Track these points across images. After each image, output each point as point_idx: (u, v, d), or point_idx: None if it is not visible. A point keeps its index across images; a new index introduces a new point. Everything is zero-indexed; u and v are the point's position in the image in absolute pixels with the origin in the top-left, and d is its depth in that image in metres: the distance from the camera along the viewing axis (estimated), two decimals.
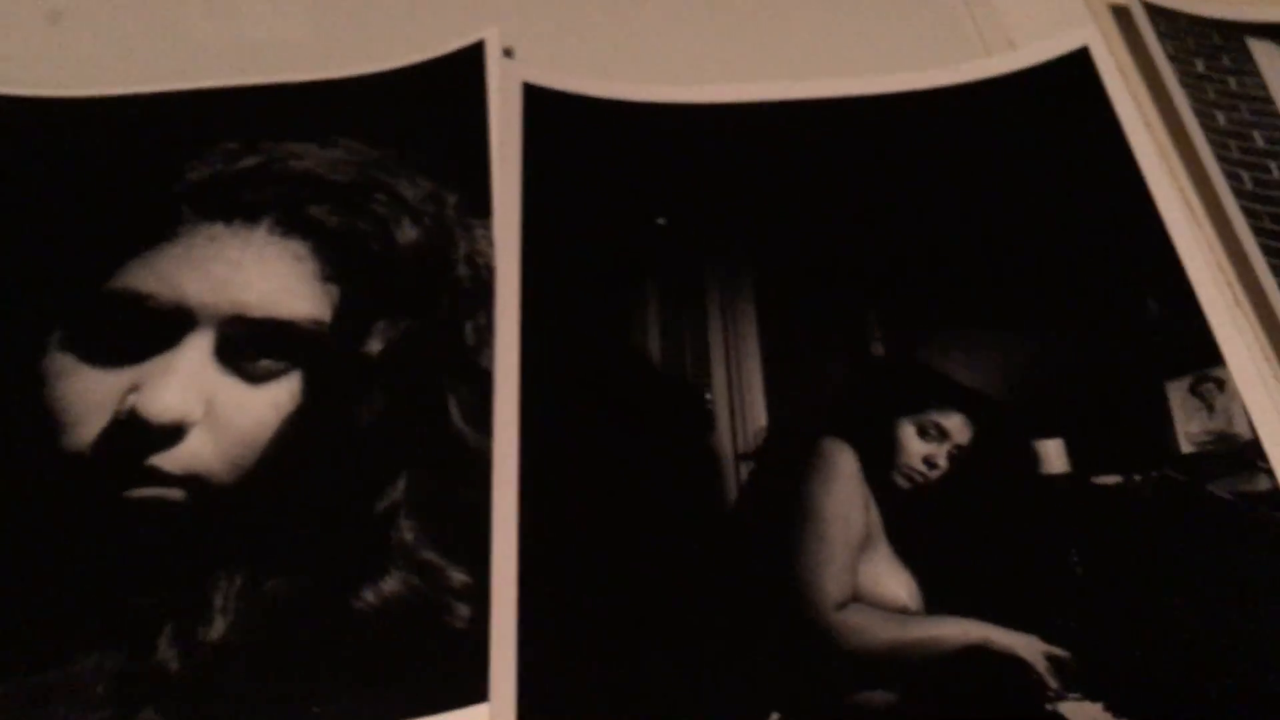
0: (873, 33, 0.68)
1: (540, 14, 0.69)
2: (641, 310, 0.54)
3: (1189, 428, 0.48)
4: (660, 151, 0.61)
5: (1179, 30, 0.70)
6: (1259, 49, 0.70)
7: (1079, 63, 0.62)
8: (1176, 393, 0.49)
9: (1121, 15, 0.70)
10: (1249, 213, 0.60)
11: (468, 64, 0.64)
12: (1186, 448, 0.48)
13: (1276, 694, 0.41)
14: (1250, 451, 0.46)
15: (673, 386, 0.51)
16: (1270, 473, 0.46)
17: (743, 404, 0.51)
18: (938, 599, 0.45)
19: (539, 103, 0.62)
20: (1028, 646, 0.43)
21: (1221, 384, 0.49)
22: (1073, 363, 0.51)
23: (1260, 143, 0.65)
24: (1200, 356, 0.50)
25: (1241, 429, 0.47)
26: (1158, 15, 0.70)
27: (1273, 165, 0.64)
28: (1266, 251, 0.58)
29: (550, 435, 0.49)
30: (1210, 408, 0.48)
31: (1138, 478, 0.47)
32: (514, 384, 0.50)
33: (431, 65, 0.65)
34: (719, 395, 0.51)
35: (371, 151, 0.61)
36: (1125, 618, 0.44)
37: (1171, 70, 0.66)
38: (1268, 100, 0.67)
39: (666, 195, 0.59)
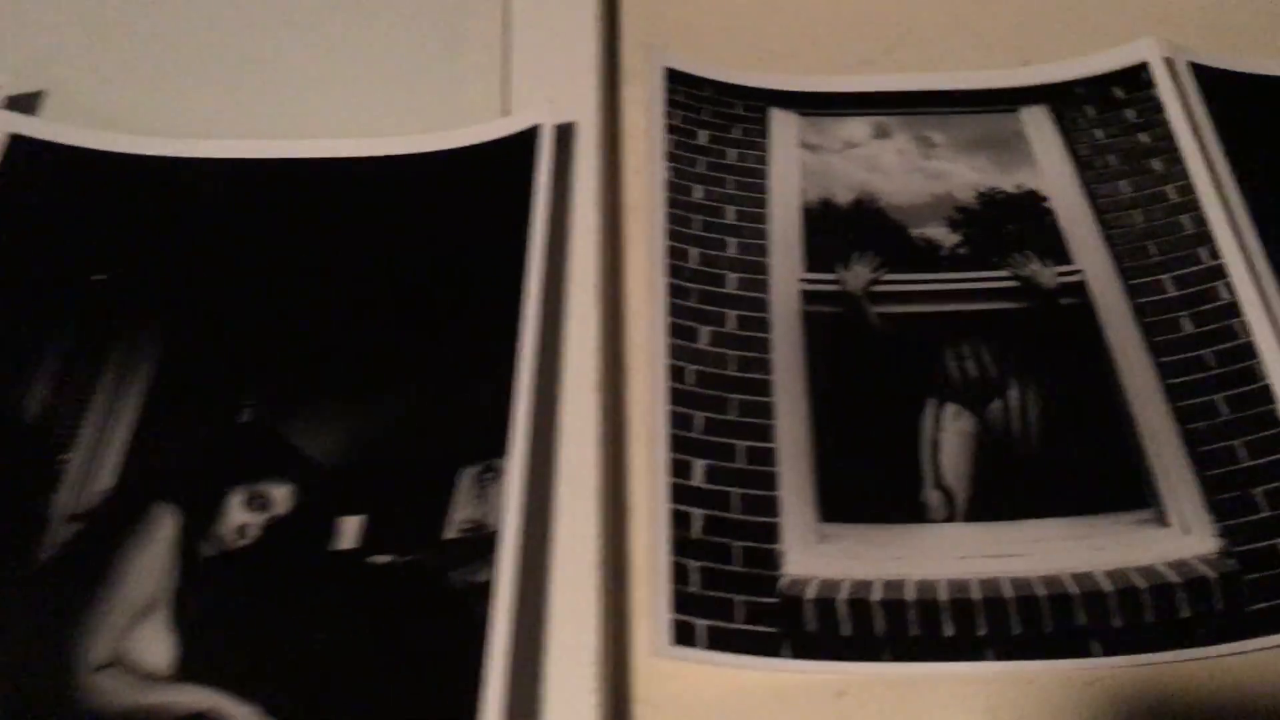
0: (408, 93, 0.70)
1: (87, 66, 0.72)
2: (35, 365, 0.57)
3: (460, 514, 0.50)
4: (124, 204, 0.63)
5: (700, 99, 0.71)
6: (778, 119, 0.71)
7: (529, 139, 0.64)
8: (466, 478, 0.51)
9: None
10: (677, 291, 0.61)
11: None
12: (450, 533, 0.50)
13: None
14: (484, 544, 0.49)
15: (26, 445, 0.54)
16: (491, 565, 0.48)
17: (96, 466, 0.54)
18: (194, 666, 0.48)
19: (26, 154, 0.64)
20: (248, 718, 0.46)
21: (498, 474, 0.51)
22: (401, 439, 0.54)
23: (731, 218, 0.66)
24: (496, 445, 0.52)
25: (493, 520, 0.50)
26: (679, 82, 0.71)
27: (733, 242, 0.65)
28: (673, 331, 0.60)
29: None
30: (484, 495, 0.50)
31: (402, 559, 0.50)
32: None
33: None
34: (80, 455, 0.54)
35: None
36: (337, 687, 0.47)
37: (663, 143, 0.68)
38: (759, 175, 0.68)
39: (114, 251, 0.61)
